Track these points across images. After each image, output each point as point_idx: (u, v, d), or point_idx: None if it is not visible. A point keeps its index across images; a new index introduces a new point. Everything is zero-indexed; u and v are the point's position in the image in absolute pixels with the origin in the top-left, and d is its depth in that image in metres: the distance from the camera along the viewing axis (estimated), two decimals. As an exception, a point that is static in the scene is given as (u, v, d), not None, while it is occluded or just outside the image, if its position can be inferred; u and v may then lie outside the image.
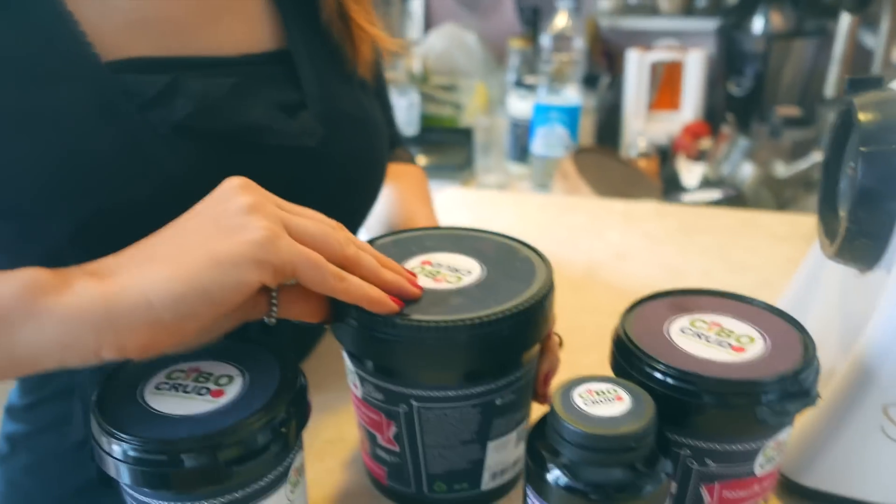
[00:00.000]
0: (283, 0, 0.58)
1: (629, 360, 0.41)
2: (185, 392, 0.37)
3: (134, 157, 0.46)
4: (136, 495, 0.36)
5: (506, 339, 0.41)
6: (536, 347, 0.46)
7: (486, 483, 0.46)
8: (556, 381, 0.62)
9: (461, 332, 0.39)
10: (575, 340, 0.70)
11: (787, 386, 0.38)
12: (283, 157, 0.53)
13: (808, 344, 0.41)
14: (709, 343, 0.42)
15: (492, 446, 0.44)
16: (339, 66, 0.60)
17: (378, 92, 0.70)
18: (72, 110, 0.45)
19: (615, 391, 0.37)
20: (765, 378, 0.38)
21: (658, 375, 0.40)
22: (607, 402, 0.36)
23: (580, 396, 0.37)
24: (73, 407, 0.55)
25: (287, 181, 0.53)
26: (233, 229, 0.36)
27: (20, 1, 0.45)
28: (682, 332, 0.43)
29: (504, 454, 0.45)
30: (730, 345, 0.41)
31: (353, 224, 0.64)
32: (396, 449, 0.44)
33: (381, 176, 0.64)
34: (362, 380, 0.43)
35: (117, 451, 0.34)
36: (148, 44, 0.49)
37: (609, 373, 0.64)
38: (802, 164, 1.42)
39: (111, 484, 0.52)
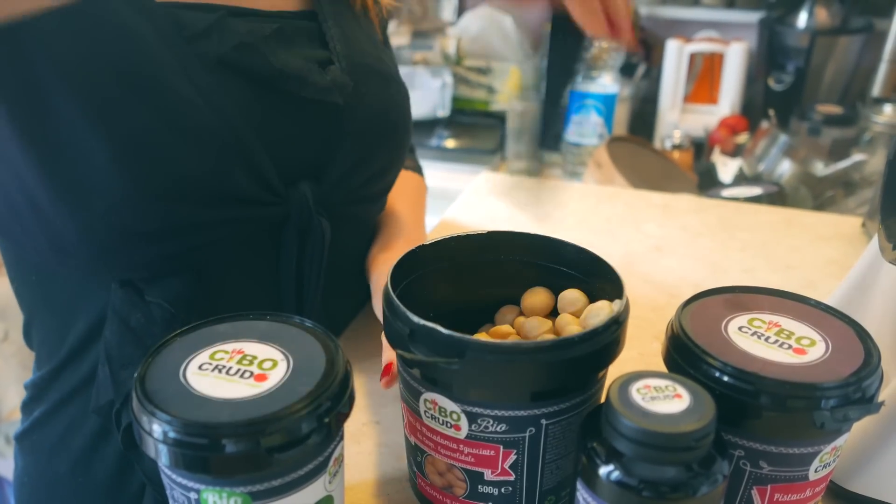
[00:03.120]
0: None
1: (686, 356, 0.40)
2: (229, 375, 0.36)
3: (180, 84, 0.48)
4: (173, 476, 0.36)
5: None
6: None
7: None
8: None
9: (607, 333, 0.40)
10: (614, 333, 0.69)
11: (849, 392, 0.37)
12: (315, 109, 0.55)
13: (871, 350, 0.40)
14: (768, 343, 0.40)
15: None
16: (361, 27, 0.62)
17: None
18: (128, 26, 0.47)
19: (674, 388, 0.36)
20: (827, 382, 0.37)
21: (716, 373, 0.39)
22: (666, 399, 0.36)
23: (638, 392, 0.36)
24: (99, 370, 0.55)
25: (318, 136, 0.56)
26: None
27: None
28: (741, 330, 0.42)
29: None
30: (790, 346, 0.40)
31: (382, 186, 0.66)
32: (511, 478, 0.42)
33: (406, 136, 0.66)
34: (474, 417, 0.40)
35: (157, 432, 0.33)
36: None
37: (650, 367, 0.63)
38: (842, 164, 1.39)
39: (136, 448, 0.52)
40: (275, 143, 0.53)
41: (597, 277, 0.47)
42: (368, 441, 0.54)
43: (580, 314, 0.47)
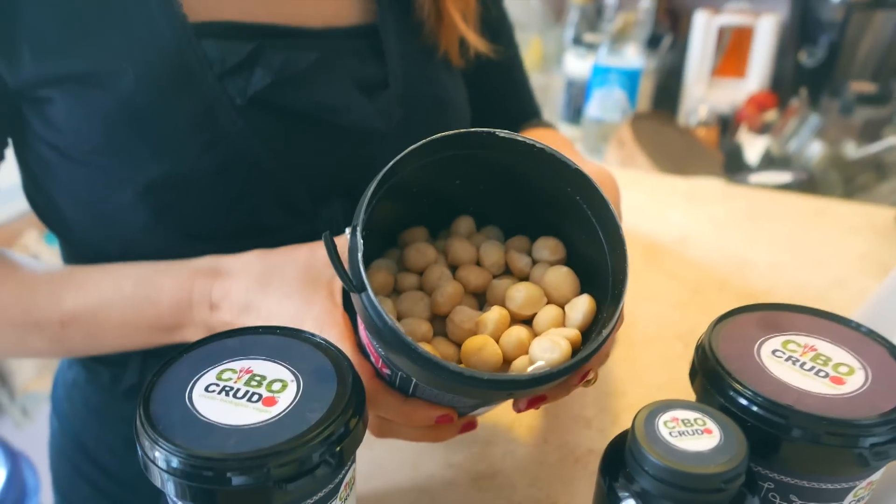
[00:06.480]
0: None
1: (716, 382, 0.38)
2: (236, 398, 0.35)
3: (206, 128, 0.46)
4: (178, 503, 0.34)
5: None
6: None
7: None
8: (618, 379, 0.59)
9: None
10: (633, 334, 0.67)
11: (891, 429, 0.35)
12: (357, 138, 0.51)
13: (914, 380, 0.38)
14: (804, 371, 0.38)
15: None
16: (424, 44, 0.57)
17: (507, 66, 0.67)
18: (151, 73, 0.45)
19: (704, 422, 0.34)
20: (866, 419, 0.35)
21: (747, 404, 0.37)
22: (695, 435, 0.34)
23: (665, 425, 0.34)
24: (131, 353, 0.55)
25: (359, 163, 0.52)
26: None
27: None
28: (774, 354, 0.39)
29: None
30: (827, 374, 0.38)
31: None
32: (388, 373, 0.40)
33: None
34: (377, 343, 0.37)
35: (161, 460, 0.32)
36: (235, 9, 0.49)
37: (672, 371, 0.61)
38: (874, 146, 1.34)
39: None
40: (309, 169, 0.51)
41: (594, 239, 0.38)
42: (381, 446, 0.52)
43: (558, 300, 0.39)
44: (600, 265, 0.38)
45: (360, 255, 0.33)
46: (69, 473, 0.62)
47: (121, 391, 0.56)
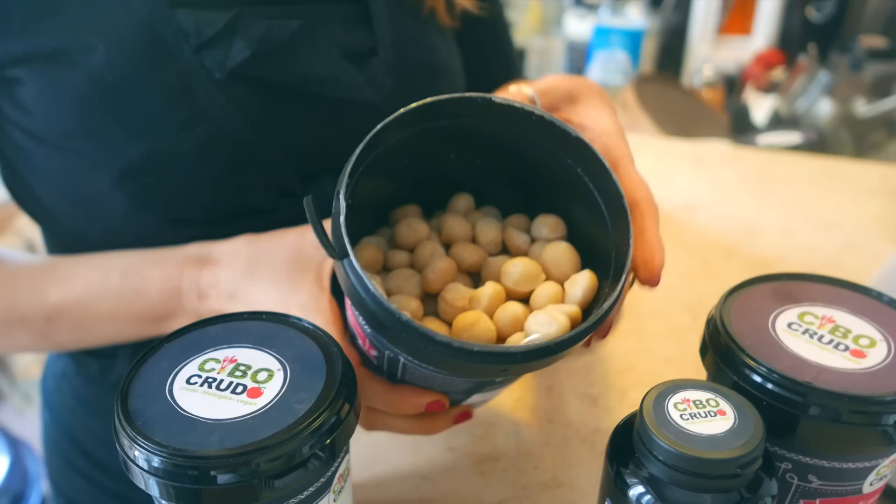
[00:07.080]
0: None
1: (728, 359, 0.36)
2: (220, 390, 0.33)
3: (184, 105, 0.44)
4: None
5: None
6: None
7: None
8: (625, 354, 0.57)
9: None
10: (640, 306, 0.64)
11: (917, 404, 0.33)
12: (346, 110, 0.49)
13: (940, 352, 0.36)
14: (822, 344, 0.36)
15: None
16: (411, 5, 0.54)
17: (491, 25, 0.64)
18: (123, 47, 0.43)
19: (717, 403, 0.32)
20: (890, 395, 0.33)
21: (763, 381, 0.34)
22: (708, 418, 0.32)
23: (675, 407, 0.32)
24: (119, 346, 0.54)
25: (349, 138, 0.49)
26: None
27: None
28: (790, 327, 0.37)
29: None
30: (847, 347, 0.36)
31: None
32: (374, 353, 0.38)
33: None
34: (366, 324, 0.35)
35: (141, 459, 0.30)
36: None
37: (681, 344, 0.59)
38: (886, 103, 1.30)
39: None
40: (296, 146, 0.48)
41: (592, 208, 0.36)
42: (379, 433, 0.50)
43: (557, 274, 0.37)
44: (603, 243, 0.36)
45: (342, 219, 0.31)
46: (62, 467, 0.60)
47: (110, 383, 0.54)
